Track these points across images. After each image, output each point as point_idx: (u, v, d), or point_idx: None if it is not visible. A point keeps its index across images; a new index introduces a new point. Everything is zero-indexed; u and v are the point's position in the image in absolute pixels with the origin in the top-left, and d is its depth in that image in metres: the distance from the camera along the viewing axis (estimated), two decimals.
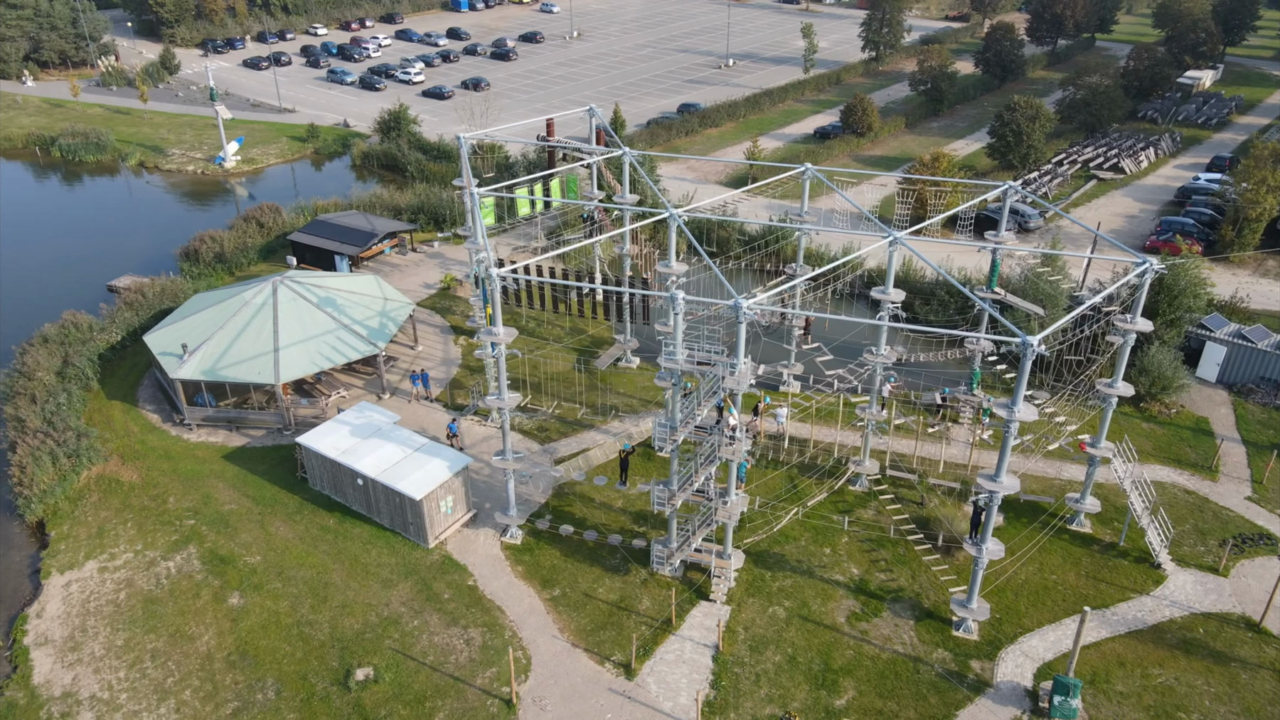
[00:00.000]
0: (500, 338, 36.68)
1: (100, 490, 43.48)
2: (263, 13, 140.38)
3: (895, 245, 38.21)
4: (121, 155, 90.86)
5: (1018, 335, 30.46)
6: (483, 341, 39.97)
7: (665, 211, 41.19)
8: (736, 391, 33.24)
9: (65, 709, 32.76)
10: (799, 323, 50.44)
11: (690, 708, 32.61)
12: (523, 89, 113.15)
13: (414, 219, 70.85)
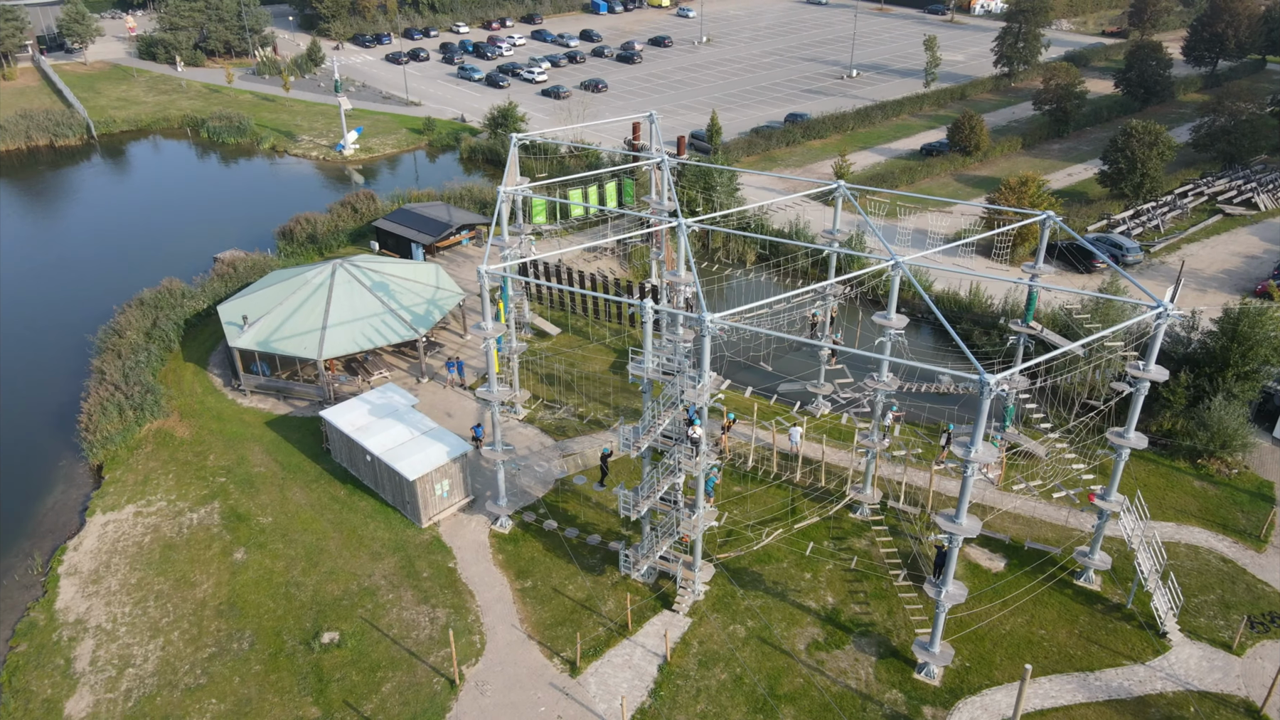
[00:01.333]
0: (489, 332, 38.03)
1: (155, 442, 47.83)
2: (412, 10, 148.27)
3: (897, 269, 37.06)
4: (258, 139, 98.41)
5: (977, 374, 29.10)
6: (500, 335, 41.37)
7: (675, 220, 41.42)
8: (695, 405, 33.25)
9: (73, 634, 36.48)
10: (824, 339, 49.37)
11: (635, 705, 32.94)
12: (639, 92, 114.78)
13: None
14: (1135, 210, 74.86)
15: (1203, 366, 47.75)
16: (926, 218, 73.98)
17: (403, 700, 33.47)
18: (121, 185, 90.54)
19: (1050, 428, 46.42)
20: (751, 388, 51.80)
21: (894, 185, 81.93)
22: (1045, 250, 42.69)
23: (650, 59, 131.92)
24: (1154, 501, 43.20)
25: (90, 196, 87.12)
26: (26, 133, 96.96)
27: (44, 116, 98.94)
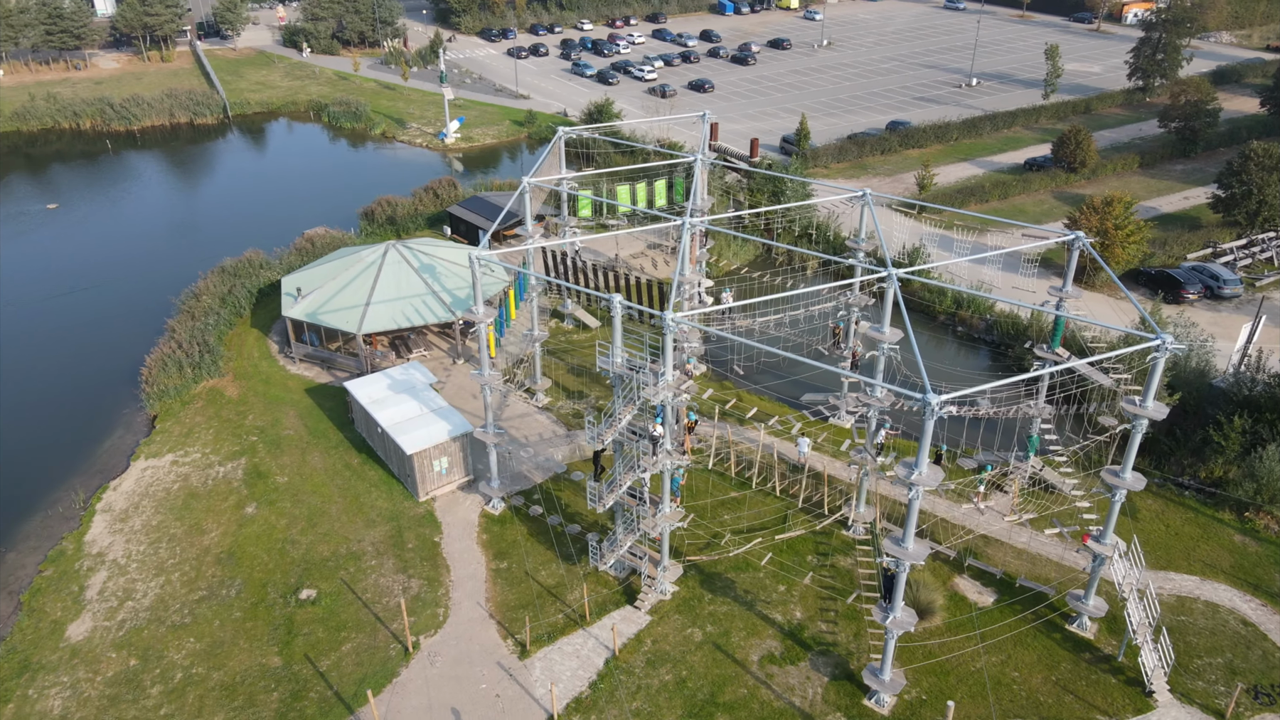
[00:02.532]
0: (480, 317, 39.12)
1: (206, 399, 51.57)
2: (539, 7, 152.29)
3: (891, 281, 35.76)
4: (371, 124, 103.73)
5: (918, 394, 27.87)
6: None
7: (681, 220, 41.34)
8: (654, 402, 33.21)
9: (92, 565, 39.98)
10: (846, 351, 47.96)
11: (560, 696, 33.36)
12: (746, 94, 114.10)
13: None
14: (1249, 240, 68.91)
15: (1264, 412, 43.72)
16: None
17: (357, 660, 35.03)
18: (241, 162, 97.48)
19: (1063, 458, 43.67)
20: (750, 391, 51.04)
21: (983, 199, 78.55)
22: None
23: (765, 61, 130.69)
24: (1184, 552, 40.05)
25: (213, 171, 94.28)
26: (170, 110, 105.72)
27: (186, 96, 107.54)
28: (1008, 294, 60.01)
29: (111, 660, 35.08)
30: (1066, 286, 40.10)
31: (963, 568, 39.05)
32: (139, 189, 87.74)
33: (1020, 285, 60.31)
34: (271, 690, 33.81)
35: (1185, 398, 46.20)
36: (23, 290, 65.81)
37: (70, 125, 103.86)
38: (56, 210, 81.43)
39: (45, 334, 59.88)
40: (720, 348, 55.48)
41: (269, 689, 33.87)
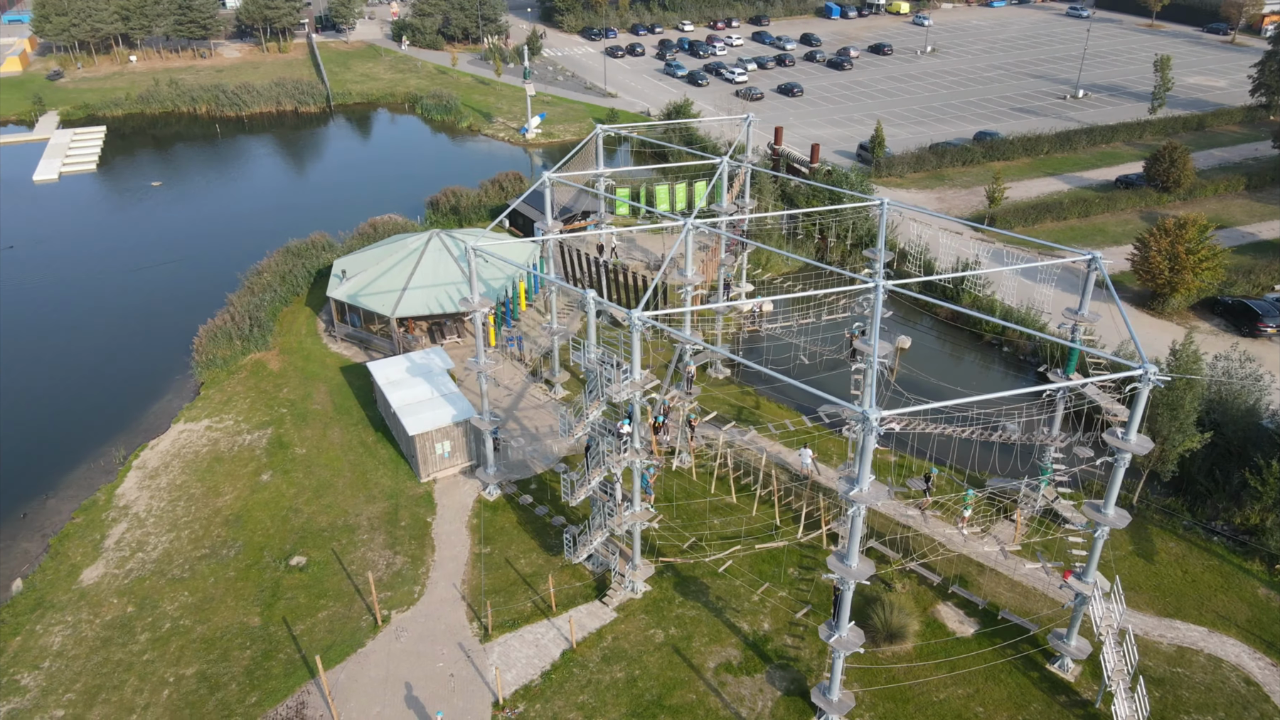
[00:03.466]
0: (475, 306, 40.04)
1: (249, 371, 54.53)
2: (642, 7, 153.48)
3: (879, 292, 34.75)
4: (459, 118, 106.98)
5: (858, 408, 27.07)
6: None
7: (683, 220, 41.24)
8: (615, 400, 33.33)
9: (116, 517, 42.97)
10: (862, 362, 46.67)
11: (509, 682, 33.95)
12: (835, 99, 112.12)
13: None
14: None
15: None
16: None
17: (329, 628, 36.51)
18: (333, 149, 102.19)
19: (1066, 488, 41.43)
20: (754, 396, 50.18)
21: (1061, 216, 74.92)
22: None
23: (863, 66, 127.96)
24: (1198, 601, 37.45)
25: (305, 156, 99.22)
26: (277, 98, 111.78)
27: (293, 85, 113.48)
28: (1058, 315, 57.17)
29: (112, 605, 37.68)
30: (1083, 309, 38.04)
31: (947, 594, 37.58)
32: (236, 171, 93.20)
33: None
34: (246, 648, 35.64)
35: (1230, 438, 43.08)
36: (114, 260, 70.97)
37: (188, 109, 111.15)
38: (159, 188, 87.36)
39: (124, 301, 64.43)
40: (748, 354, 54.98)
41: (244, 646, 35.72)
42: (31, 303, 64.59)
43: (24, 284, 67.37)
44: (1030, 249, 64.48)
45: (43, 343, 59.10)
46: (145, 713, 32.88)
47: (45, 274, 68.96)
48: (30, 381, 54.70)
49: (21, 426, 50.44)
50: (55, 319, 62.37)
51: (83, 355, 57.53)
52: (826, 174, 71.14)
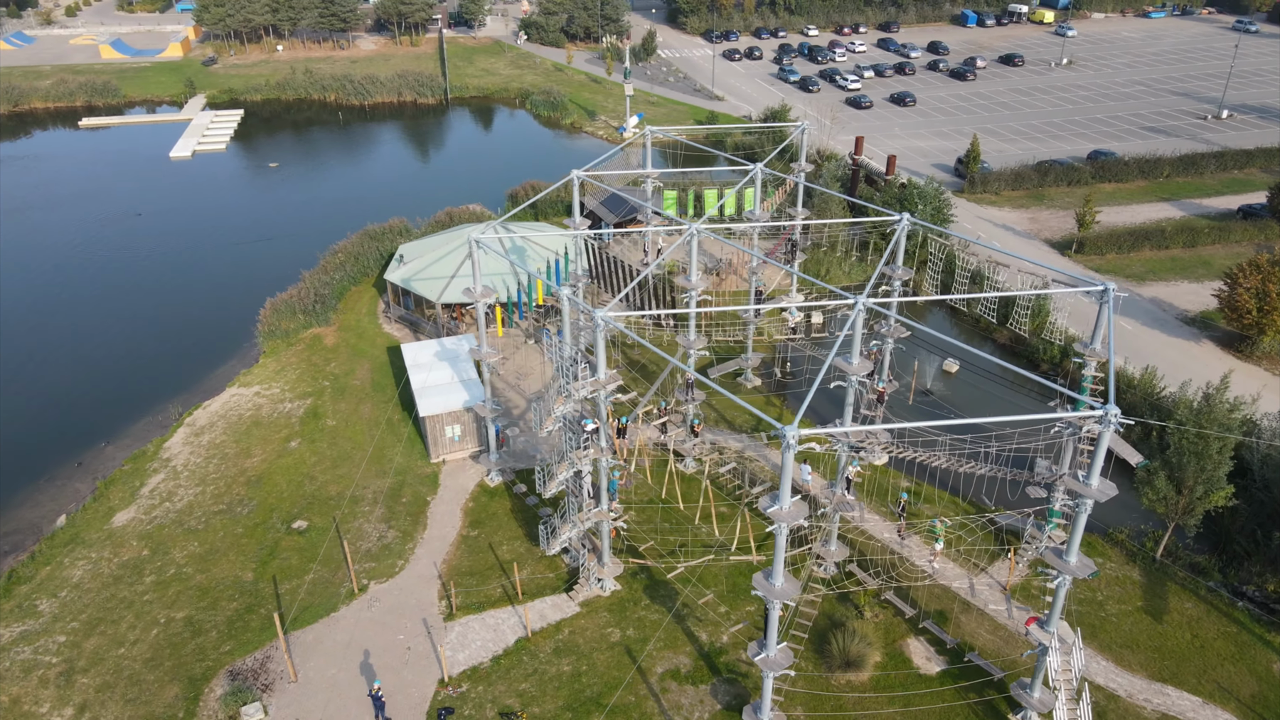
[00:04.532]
0: (478, 297, 41.25)
1: (306, 344, 57.95)
2: (768, 10, 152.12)
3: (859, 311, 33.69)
4: (565, 114, 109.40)
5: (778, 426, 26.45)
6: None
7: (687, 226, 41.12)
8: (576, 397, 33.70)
9: (157, 468, 46.72)
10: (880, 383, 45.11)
11: (459, 662, 34.97)
12: (949, 110, 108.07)
13: None
14: None
15: None
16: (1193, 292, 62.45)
17: (311, 591, 38.58)
18: (439, 140, 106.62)
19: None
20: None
21: (1161, 246, 69.83)
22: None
23: (988, 77, 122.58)
24: (1200, 669, 34.58)
25: (412, 145, 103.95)
26: (399, 90, 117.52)
27: (414, 78, 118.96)
28: (1158, 351, 53.69)
29: (131, 547, 41.09)
30: (1094, 344, 35.62)
31: (919, 628, 36.06)
32: (345, 156, 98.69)
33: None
34: (234, 600, 38.16)
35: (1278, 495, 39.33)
36: (217, 232, 76.65)
37: (319, 97, 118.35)
38: (275, 169, 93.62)
39: (215, 270, 69.59)
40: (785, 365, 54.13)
41: (232, 598, 38.25)
42: (137, 265, 70.70)
43: (140, 248, 73.75)
44: (1045, 274, 60.45)
45: (135, 303, 64.64)
46: (131, 647, 35.77)
47: (160, 240, 75.26)
48: (116, 337, 59.97)
49: (100, 378, 55.43)
50: (152, 281, 68.05)
51: (168, 317, 62.55)
52: (900, 187, 68.80)
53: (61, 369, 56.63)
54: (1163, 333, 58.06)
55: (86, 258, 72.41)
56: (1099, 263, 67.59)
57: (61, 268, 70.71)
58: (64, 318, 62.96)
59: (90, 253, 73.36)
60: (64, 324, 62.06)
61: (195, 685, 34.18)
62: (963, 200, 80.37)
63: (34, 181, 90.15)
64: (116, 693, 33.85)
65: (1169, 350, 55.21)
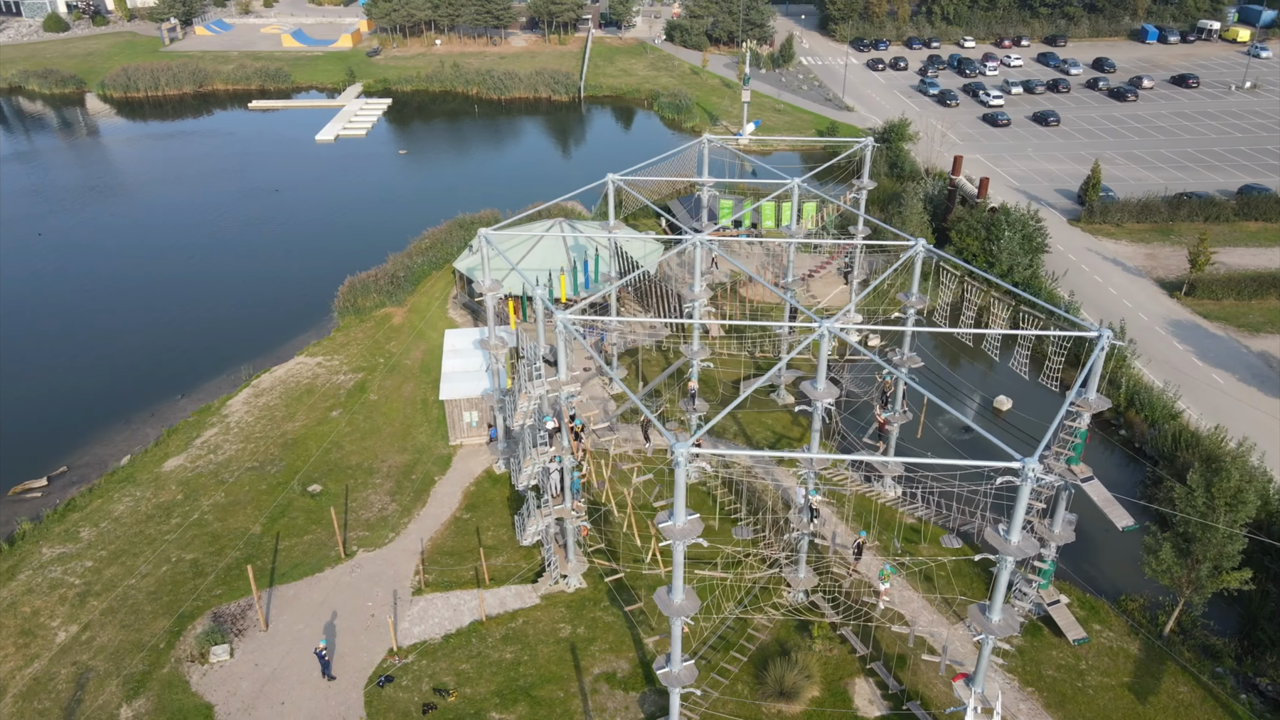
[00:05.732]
0: (487, 289, 42.79)
1: (375, 322, 61.69)
2: (923, 19, 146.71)
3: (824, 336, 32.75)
4: (688, 117, 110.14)
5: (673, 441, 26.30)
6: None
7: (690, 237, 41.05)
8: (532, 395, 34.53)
9: (214, 422, 51.22)
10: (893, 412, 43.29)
11: (414, 635, 36.69)
12: (1094, 132, 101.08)
13: None
14: None
15: None
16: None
17: (304, 551, 41.42)
18: (557, 135, 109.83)
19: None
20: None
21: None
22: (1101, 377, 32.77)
23: (1152, 99, 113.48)
24: None
25: (534, 139, 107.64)
26: (535, 86, 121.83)
27: (550, 75, 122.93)
28: (1241, 412, 49.01)
29: (169, 491, 45.43)
30: (1090, 394, 33.00)
31: (867, 668, 34.69)
32: (470, 147, 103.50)
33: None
34: (237, 549, 41.52)
35: None
36: (335, 210, 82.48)
37: (462, 90, 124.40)
38: (404, 155, 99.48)
39: (319, 246, 74.97)
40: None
41: (236, 547, 41.62)
42: (255, 235, 77.20)
43: (265, 220, 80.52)
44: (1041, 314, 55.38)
45: (243, 269, 70.71)
46: (141, 580, 39.70)
47: (282, 214, 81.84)
48: (217, 299, 65.86)
49: (193, 336, 61.14)
50: (262, 251, 74.19)
51: (266, 284, 68.08)
52: (990, 211, 65.22)
53: (164, 324, 62.82)
54: (1260, 390, 52.53)
55: (219, 226, 79.76)
56: (1210, 308, 61.75)
57: (194, 233, 78.20)
58: (180, 278, 69.72)
59: (224, 221, 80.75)
60: (179, 283, 68.73)
61: (182, 621, 37.56)
62: (1077, 230, 75.31)
63: (196, 154, 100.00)
64: (116, 618, 37.71)
65: (1256, 413, 49.92)
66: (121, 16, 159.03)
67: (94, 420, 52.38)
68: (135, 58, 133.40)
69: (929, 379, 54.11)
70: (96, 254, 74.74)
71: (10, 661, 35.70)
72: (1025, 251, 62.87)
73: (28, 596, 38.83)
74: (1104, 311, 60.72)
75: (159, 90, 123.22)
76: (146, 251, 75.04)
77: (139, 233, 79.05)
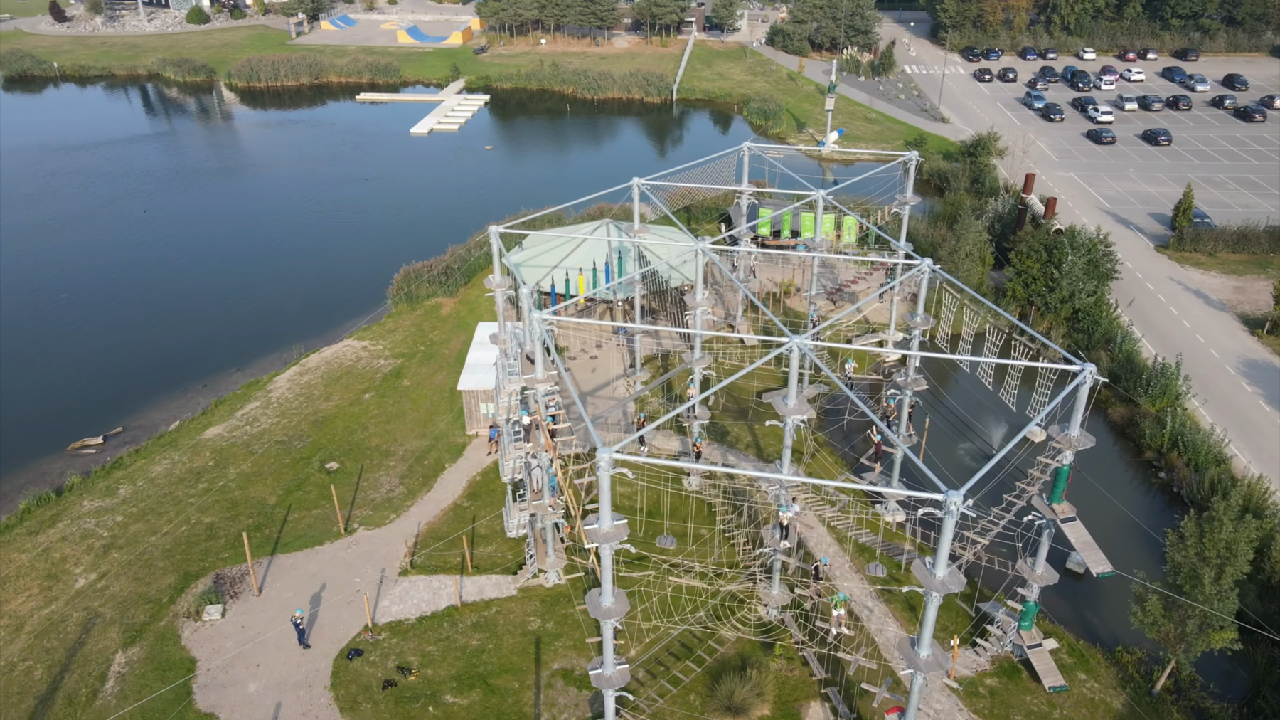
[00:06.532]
0: (497, 284, 43.86)
1: (425, 311, 63.98)
2: (1041, 30, 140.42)
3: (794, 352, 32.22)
4: (775, 123, 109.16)
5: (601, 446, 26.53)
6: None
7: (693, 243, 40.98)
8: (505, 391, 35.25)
9: (258, 396, 54.24)
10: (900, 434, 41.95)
11: (392, 614, 38.10)
12: (1209, 154, 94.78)
13: None
14: None
15: None
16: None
17: (310, 525, 43.52)
18: (640, 136, 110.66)
19: None
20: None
21: None
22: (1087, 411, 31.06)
23: None
24: None
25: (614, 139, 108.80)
26: (628, 87, 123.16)
27: (643, 77, 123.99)
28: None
29: (203, 457, 48.50)
30: (1072, 430, 31.33)
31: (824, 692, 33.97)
32: (555, 145, 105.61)
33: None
34: (249, 517, 44.00)
35: None
36: (411, 201, 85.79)
37: (558, 89, 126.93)
38: (489, 151, 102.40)
39: (393, 236, 78.08)
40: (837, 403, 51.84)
41: (249, 515, 44.11)
42: (333, 222, 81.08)
43: (349, 206, 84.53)
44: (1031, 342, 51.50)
45: (316, 251, 74.40)
46: (159, 538, 42.62)
47: (369, 202, 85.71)
48: (286, 279, 69.58)
49: (256, 312, 64.86)
50: (336, 236, 77.85)
51: (334, 267, 71.45)
52: (1056, 232, 62.09)
53: (234, 299, 66.85)
54: None
55: (305, 210, 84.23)
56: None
57: (281, 215, 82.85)
58: (259, 257, 74.04)
59: (310, 206, 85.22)
60: (257, 262, 73.01)
61: (188, 579, 40.15)
62: (1163, 257, 71.01)
63: (299, 141, 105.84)
64: (131, 571, 40.64)
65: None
66: (257, 11, 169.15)
67: (155, 385, 56.28)
68: (263, 50, 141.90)
69: (941, 404, 52.34)
70: (191, 231, 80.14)
71: (33, 601, 39.00)
72: (1090, 277, 59.67)
73: (61, 544, 42.28)
74: (1170, 345, 57.12)
75: (278, 81, 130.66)
76: (235, 231, 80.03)
77: (232, 213, 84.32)
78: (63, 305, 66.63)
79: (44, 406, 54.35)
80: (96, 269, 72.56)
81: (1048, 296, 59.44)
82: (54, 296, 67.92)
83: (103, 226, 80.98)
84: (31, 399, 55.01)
